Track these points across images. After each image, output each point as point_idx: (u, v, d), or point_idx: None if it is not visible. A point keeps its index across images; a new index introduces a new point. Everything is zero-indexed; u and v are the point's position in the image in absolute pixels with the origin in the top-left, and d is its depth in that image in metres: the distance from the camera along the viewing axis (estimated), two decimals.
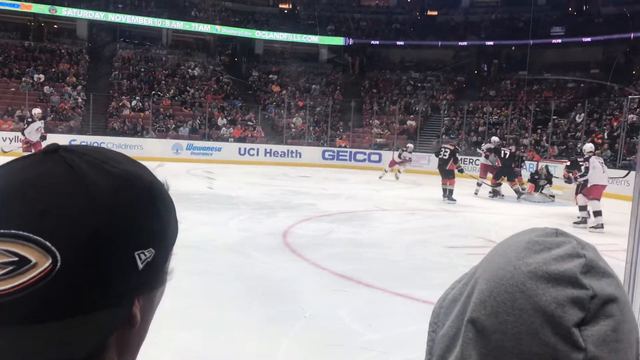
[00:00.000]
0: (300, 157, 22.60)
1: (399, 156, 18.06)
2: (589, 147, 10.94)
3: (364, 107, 28.42)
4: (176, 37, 31.39)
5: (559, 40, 27.92)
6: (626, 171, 14.31)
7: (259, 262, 6.08)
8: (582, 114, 21.00)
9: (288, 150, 22.83)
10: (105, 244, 0.46)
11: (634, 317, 0.52)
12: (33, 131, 12.80)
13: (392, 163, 18.24)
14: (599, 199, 9.93)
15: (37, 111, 13.55)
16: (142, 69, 27.36)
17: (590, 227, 9.88)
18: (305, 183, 15.63)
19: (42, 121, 13.51)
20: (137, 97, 24.42)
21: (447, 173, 13.17)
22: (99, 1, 28.82)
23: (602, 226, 9.70)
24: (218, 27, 30.69)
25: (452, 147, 13.80)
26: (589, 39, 26.55)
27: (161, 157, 19.51)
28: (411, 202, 12.75)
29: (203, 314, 4.43)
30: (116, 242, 0.47)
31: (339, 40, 31.94)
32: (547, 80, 27.66)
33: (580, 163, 10.68)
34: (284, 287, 5.16)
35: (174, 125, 23.19)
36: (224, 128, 23.53)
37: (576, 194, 11.91)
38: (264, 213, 9.58)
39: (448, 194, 12.99)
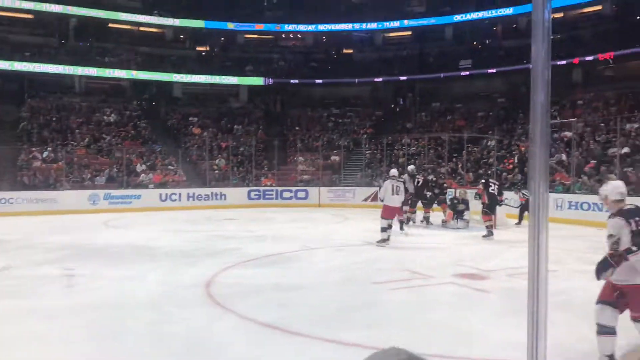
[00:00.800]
0: (225, 199, 22.21)
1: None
2: (392, 171, 12.29)
3: (287, 145, 28.57)
4: (90, 84, 30.41)
5: (467, 73, 29.55)
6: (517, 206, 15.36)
7: (179, 318, 5.78)
8: (493, 141, 22.15)
9: (212, 193, 22.38)
10: None
11: None
12: None
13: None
14: (386, 218, 11.34)
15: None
16: (54, 118, 26.17)
17: (376, 242, 11.22)
18: (231, 226, 15.33)
19: None
20: (49, 148, 23.24)
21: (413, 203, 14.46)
22: (3, 49, 27.47)
23: (385, 240, 11.13)
24: (134, 72, 30.06)
25: (403, 180, 14.23)
26: (493, 71, 28.29)
27: (77, 210, 18.56)
28: (338, 238, 12.77)
29: None
30: None
31: (258, 81, 32.16)
32: (459, 110, 29.09)
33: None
34: (207, 345, 4.90)
35: (89, 175, 22.18)
36: (143, 174, 22.77)
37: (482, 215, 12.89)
38: (187, 262, 9.22)
39: (407, 222, 13.96)
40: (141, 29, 32.81)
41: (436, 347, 4.87)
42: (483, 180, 13.85)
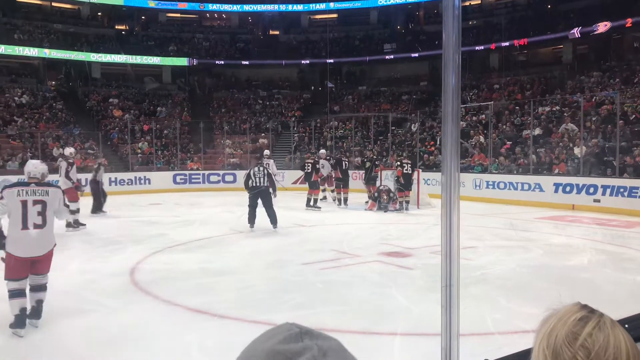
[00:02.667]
0: (149, 183, 21.54)
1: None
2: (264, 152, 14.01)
3: (214, 128, 28.05)
4: None
5: (392, 56, 30.15)
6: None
7: (102, 307, 5.59)
8: (416, 124, 22.82)
9: (135, 178, 21.63)
10: None
11: None
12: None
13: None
14: None
15: (71, 150, 12.45)
16: None
17: None
18: (156, 211, 14.91)
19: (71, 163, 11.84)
20: None
21: (311, 184, 14.90)
22: None
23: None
24: (47, 50, 28.28)
25: (312, 161, 15.48)
26: (416, 55, 29.02)
27: None
28: (267, 221, 12.72)
29: None
30: None
31: (182, 61, 31.23)
32: (384, 93, 29.67)
33: None
34: (130, 333, 4.79)
35: (1, 161, 20.78)
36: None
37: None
38: (110, 250, 8.91)
39: (313, 202, 14.73)
40: (54, 4, 30.88)
41: (364, 323, 5.02)
42: (398, 162, 14.54)
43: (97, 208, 14.00)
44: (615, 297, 5.92)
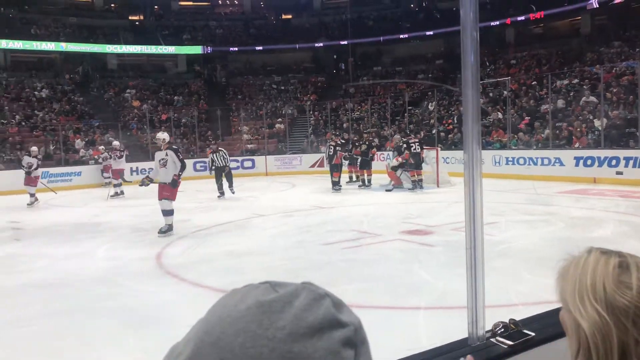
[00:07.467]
0: None
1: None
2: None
3: (231, 114, 28.18)
4: (16, 58, 28.72)
5: (406, 35, 29.84)
6: None
7: (131, 290, 5.75)
8: (433, 103, 22.62)
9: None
10: None
11: None
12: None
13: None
14: None
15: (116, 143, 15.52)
16: None
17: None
18: (178, 198, 15.03)
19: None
20: None
21: (333, 166, 14.86)
22: None
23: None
24: (63, 44, 28.59)
25: (334, 143, 15.21)
26: (430, 32, 28.68)
27: (13, 190, 17.77)
28: (288, 204, 12.85)
29: (77, 358, 4.10)
30: None
31: (196, 49, 31.32)
32: (400, 73, 29.43)
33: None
34: (161, 314, 4.92)
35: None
36: (82, 150, 21.98)
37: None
38: (135, 236, 9.10)
39: (333, 184, 14.79)
40: None
41: (388, 299, 5.09)
42: (405, 145, 14.29)
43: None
44: None
